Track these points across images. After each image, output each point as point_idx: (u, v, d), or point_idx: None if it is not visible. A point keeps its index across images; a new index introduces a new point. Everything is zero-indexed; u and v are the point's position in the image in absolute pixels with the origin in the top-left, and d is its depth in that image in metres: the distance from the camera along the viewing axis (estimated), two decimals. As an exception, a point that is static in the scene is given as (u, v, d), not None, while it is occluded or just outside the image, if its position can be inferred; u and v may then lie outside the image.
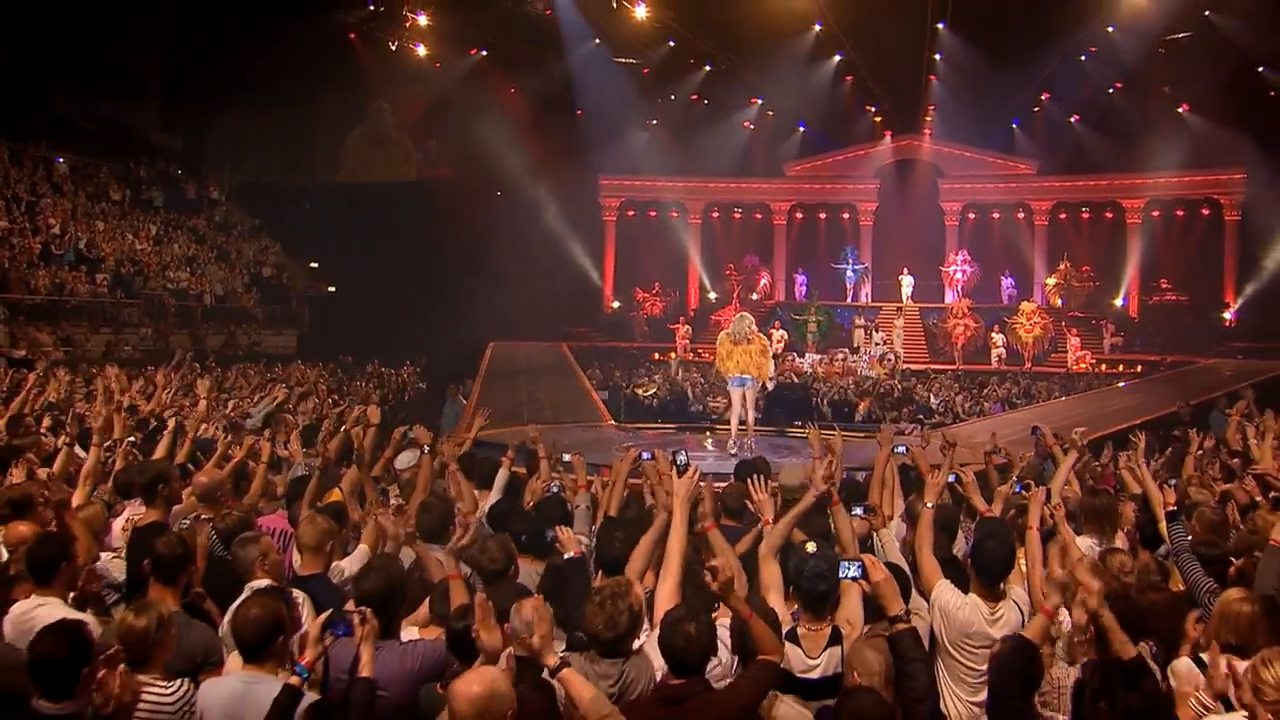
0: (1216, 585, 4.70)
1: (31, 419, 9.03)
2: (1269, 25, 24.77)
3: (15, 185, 28.04)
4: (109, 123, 34.69)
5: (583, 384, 19.44)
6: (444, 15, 27.54)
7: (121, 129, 34.95)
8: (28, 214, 26.90)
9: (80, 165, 31.71)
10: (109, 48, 34.45)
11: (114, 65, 34.78)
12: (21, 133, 30.38)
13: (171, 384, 11.87)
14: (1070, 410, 17.55)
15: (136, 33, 35.12)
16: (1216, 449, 10.29)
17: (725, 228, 37.17)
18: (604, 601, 3.58)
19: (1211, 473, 8.52)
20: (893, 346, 27.38)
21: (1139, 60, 28.70)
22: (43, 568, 4.24)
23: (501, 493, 6.29)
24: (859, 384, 19.63)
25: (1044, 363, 28.45)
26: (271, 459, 7.42)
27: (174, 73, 35.69)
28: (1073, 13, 26.03)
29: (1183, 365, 25.97)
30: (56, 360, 18.93)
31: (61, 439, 7.44)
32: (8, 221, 25.67)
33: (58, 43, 32.02)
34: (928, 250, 34.47)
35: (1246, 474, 7.22)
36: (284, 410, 11.17)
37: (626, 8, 25.73)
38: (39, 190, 28.67)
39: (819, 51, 29.65)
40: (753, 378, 12.58)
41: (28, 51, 31.54)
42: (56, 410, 10.04)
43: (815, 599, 4.07)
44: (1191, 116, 30.86)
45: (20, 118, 30.72)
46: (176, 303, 26.99)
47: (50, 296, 23.74)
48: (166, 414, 9.53)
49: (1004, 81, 29.66)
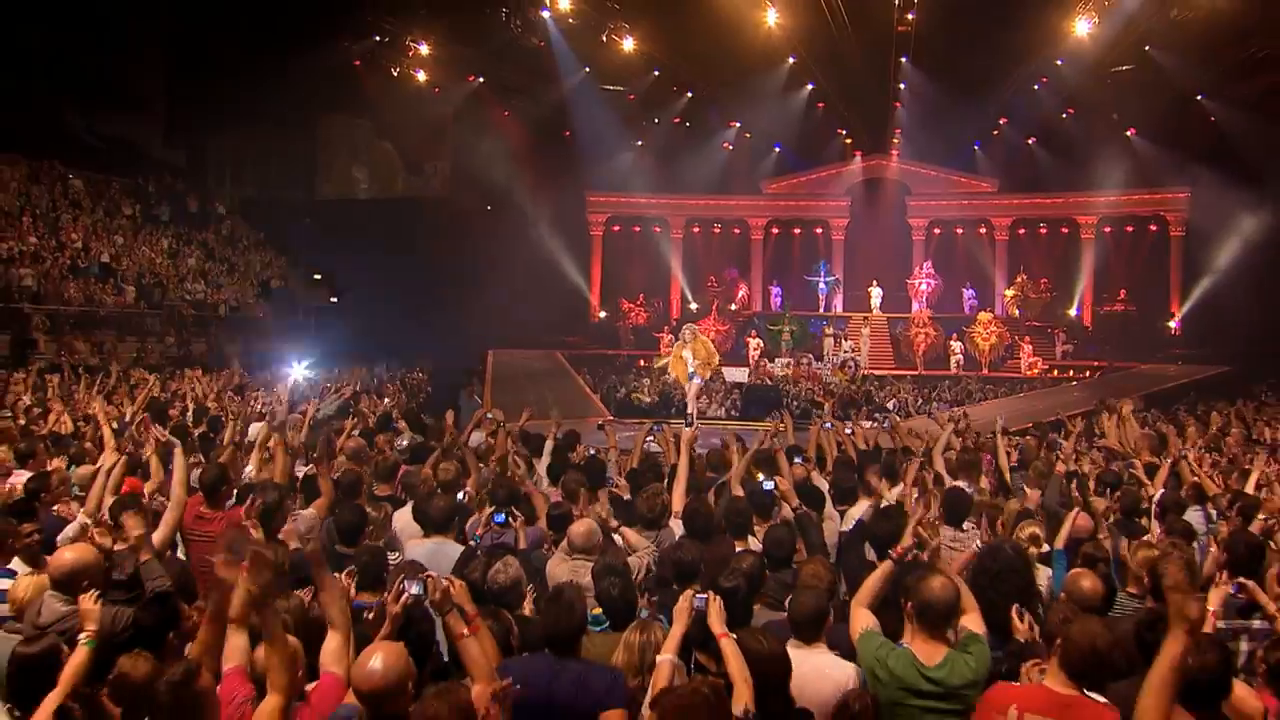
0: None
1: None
2: (1200, 59, 26.99)
3: (37, 202, 29.79)
4: (115, 139, 36.08)
5: (581, 386, 21.51)
6: (444, 45, 29.05)
7: (127, 145, 36.28)
8: (51, 230, 28.68)
9: (92, 181, 33.07)
10: (113, 67, 36.08)
11: (118, 83, 36.39)
12: (37, 150, 31.72)
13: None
14: (1006, 407, 19.62)
15: (139, 52, 36.80)
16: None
17: (706, 242, 38.89)
18: (648, 498, 5.76)
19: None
20: (859, 353, 29.52)
21: (1087, 89, 30.50)
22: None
23: (551, 455, 8.39)
24: (824, 387, 21.87)
25: (1000, 369, 30.40)
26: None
27: (176, 90, 37.22)
28: (1023, 47, 27.70)
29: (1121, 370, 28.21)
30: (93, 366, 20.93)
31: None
32: (36, 238, 27.49)
33: (64, 62, 33.66)
34: (896, 263, 36.28)
35: (1094, 448, 9.42)
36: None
37: (615, 40, 27.38)
38: (59, 206, 30.39)
39: (792, 81, 31.31)
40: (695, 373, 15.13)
41: (39, 72, 33.20)
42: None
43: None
44: (1138, 140, 33.01)
45: (35, 136, 32.19)
46: (195, 313, 28.81)
47: (83, 308, 25.57)
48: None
49: (964, 107, 31.45)
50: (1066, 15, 25.44)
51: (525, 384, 18.94)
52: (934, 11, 25.55)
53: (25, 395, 12.07)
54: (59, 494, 6.31)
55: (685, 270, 38.03)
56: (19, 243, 26.22)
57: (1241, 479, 8.18)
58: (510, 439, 8.39)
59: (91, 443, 8.45)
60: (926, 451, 8.40)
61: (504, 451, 7.96)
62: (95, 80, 35.11)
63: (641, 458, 8.47)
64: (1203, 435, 12.08)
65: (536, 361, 25.79)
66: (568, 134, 34.51)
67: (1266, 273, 28.30)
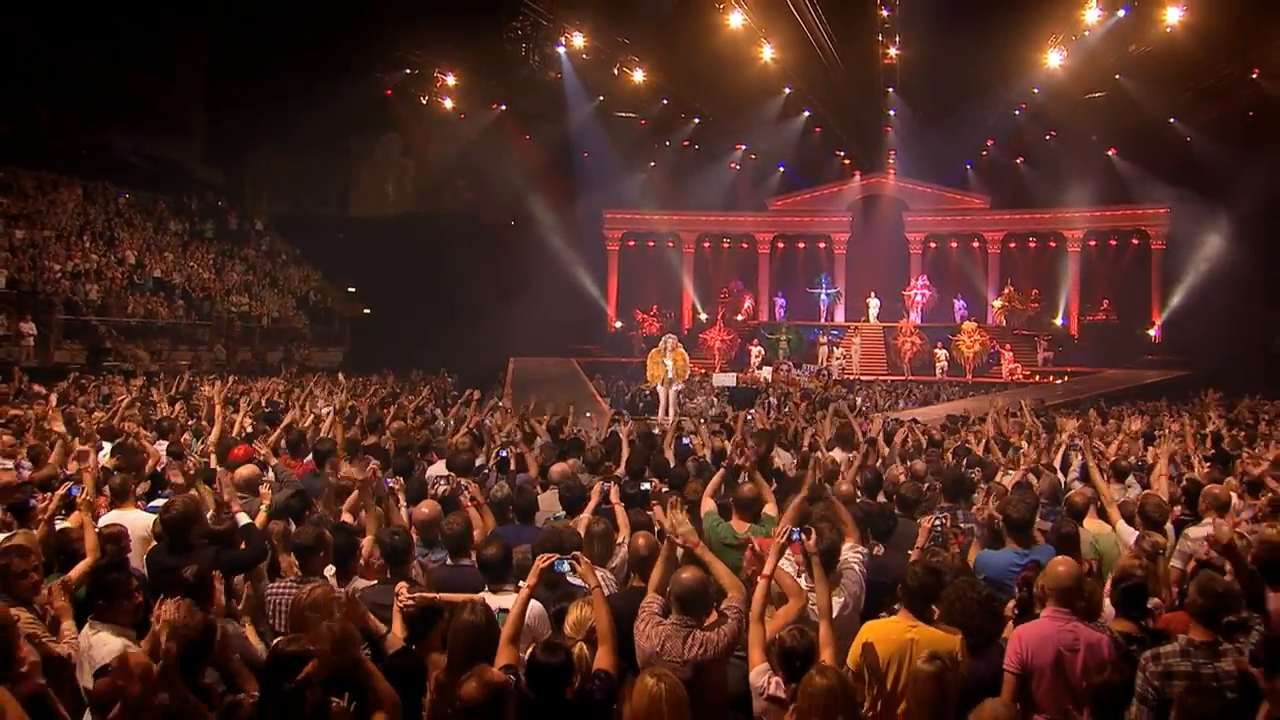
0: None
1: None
2: (1166, 87, 29.01)
3: (94, 221, 32.30)
4: (160, 160, 38.71)
5: (590, 390, 23.90)
6: (469, 76, 31.06)
7: (171, 165, 38.88)
8: (109, 247, 31.23)
9: (139, 199, 35.51)
10: (158, 93, 38.80)
11: (163, 108, 39.06)
12: (90, 173, 34.08)
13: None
14: (949, 407, 21.61)
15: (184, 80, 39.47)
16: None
17: (715, 256, 40.94)
18: (591, 449, 8.17)
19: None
20: (849, 360, 31.81)
21: (1066, 113, 32.38)
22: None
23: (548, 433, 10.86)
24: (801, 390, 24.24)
25: (985, 374, 32.16)
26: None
27: (217, 114, 39.84)
28: (1000, 77, 29.80)
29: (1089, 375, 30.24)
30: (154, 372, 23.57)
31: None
32: (96, 255, 30.09)
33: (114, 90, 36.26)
34: (895, 275, 37.99)
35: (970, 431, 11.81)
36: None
37: (626, 72, 29.41)
38: (113, 225, 32.88)
39: (790, 108, 33.25)
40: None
41: (91, 100, 35.84)
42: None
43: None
44: (1119, 159, 35.08)
45: (88, 160, 34.75)
46: (241, 324, 31.30)
47: (144, 319, 28.15)
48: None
49: (951, 131, 33.56)
50: (1038, 48, 27.42)
51: (541, 387, 21.02)
52: (914, 47, 27.78)
53: (126, 394, 14.70)
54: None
55: (696, 283, 40.12)
56: (84, 260, 28.84)
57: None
58: (516, 420, 10.85)
59: (207, 421, 11.04)
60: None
61: (510, 427, 10.43)
62: (142, 106, 37.84)
63: (607, 439, 10.80)
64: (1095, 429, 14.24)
65: (554, 368, 27.72)
66: (586, 155, 36.57)
67: (1236, 283, 30.21)
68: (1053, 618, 4.55)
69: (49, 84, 33.49)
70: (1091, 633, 4.51)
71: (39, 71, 32.61)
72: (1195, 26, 24.36)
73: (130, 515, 6.32)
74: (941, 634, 4.43)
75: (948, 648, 4.29)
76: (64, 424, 9.89)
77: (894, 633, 4.46)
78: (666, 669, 3.99)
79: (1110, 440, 11.88)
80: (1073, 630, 4.47)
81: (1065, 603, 4.55)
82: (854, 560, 5.28)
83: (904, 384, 28.90)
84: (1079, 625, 4.51)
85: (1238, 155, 29.66)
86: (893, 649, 4.37)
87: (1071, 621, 4.51)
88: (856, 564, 5.27)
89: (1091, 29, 25.70)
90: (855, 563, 5.27)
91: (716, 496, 6.65)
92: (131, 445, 8.47)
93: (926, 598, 4.56)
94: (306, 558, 5.32)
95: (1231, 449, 11.37)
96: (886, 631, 4.50)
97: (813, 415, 15.79)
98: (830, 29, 26.01)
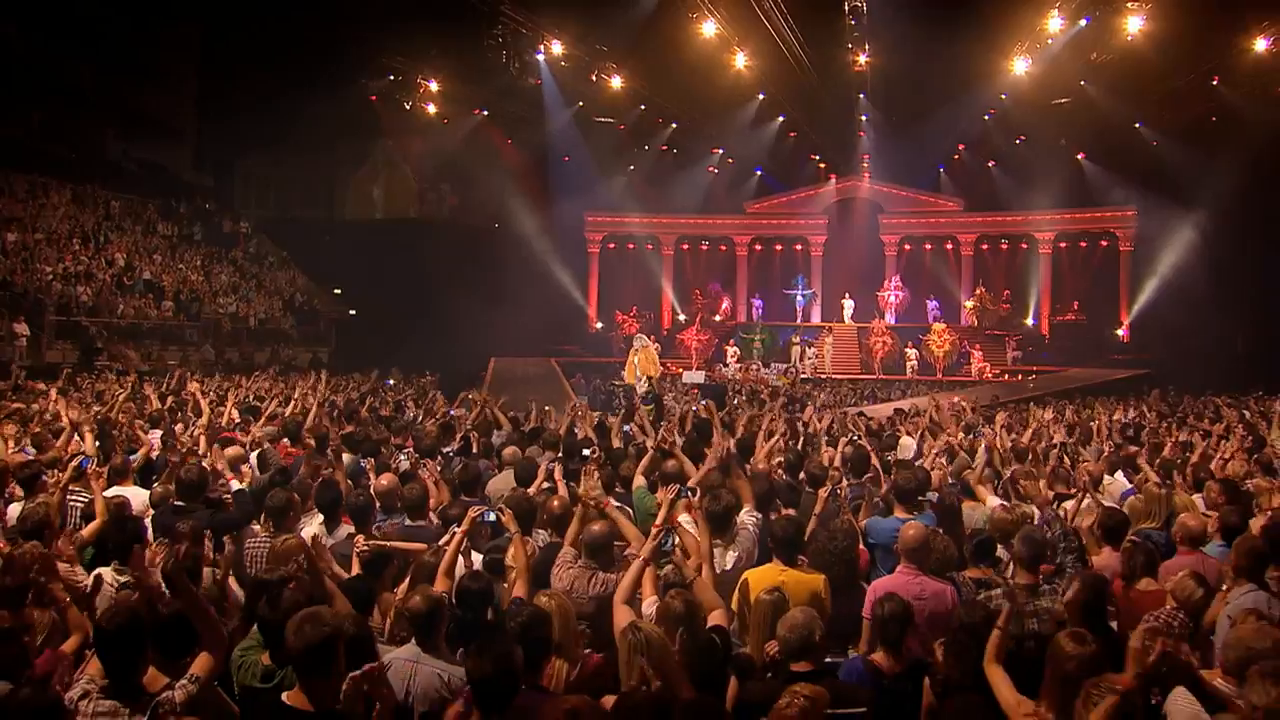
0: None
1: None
2: (1129, 94, 29.86)
3: (84, 224, 32.91)
4: (150, 164, 39.32)
5: (567, 389, 24.67)
6: (451, 82, 31.68)
7: (160, 169, 39.50)
8: (98, 249, 31.90)
9: (129, 203, 36.16)
10: (149, 99, 39.37)
11: (152, 113, 39.64)
12: (81, 176, 34.76)
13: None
14: (912, 402, 22.48)
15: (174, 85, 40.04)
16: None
17: (693, 258, 41.70)
18: (550, 432, 8.96)
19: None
20: (823, 360, 32.68)
21: (1034, 118, 33.07)
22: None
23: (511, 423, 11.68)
24: (769, 387, 25.12)
25: (955, 373, 32.94)
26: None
27: (206, 120, 40.34)
28: (967, 84, 30.60)
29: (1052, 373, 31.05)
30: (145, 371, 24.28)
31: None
32: (86, 258, 30.75)
33: (106, 95, 36.84)
34: (870, 277, 38.85)
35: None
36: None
37: (604, 79, 30.05)
38: (103, 228, 33.48)
39: (764, 114, 34.02)
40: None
41: (84, 105, 36.45)
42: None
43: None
44: (1088, 163, 35.92)
45: (78, 163, 35.27)
46: (230, 325, 31.99)
47: (134, 320, 28.85)
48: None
49: (922, 136, 34.28)
50: (1005, 56, 28.27)
51: (518, 385, 21.82)
52: (883, 56, 28.58)
53: (120, 392, 15.47)
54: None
55: (675, 284, 40.91)
56: (74, 262, 29.52)
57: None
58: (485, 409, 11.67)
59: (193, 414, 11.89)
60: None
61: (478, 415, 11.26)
62: (133, 111, 38.43)
63: (569, 428, 11.65)
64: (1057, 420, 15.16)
65: (533, 367, 28.20)
66: (566, 159, 37.09)
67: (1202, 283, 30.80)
68: (903, 572, 5.46)
69: (41, 89, 34.03)
70: (937, 584, 5.39)
71: (31, 76, 33.12)
72: (1155, 35, 25.10)
73: (129, 490, 7.38)
74: (807, 576, 5.26)
75: (813, 588, 5.12)
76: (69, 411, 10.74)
77: (767, 576, 5.27)
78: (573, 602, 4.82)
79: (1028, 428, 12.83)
80: (919, 583, 5.35)
81: (915, 560, 5.46)
82: (749, 522, 6.08)
83: (870, 382, 29.62)
84: (925, 579, 5.39)
85: (1202, 158, 30.36)
86: (764, 588, 5.17)
87: (919, 576, 5.40)
88: (751, 525, 6.06)
89: (1055, 38, 26.50)
90: (750, 524, 6.06)
91: (646, 473, 7.45)
92: (111, 432, 9.43)
93: (793, 546, 5.44)
94: (278, 518, 6.28)
95: (1149, 437, 12.22)
96: (761, 575, 5.33)
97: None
98: (801, 37, 26.80)
